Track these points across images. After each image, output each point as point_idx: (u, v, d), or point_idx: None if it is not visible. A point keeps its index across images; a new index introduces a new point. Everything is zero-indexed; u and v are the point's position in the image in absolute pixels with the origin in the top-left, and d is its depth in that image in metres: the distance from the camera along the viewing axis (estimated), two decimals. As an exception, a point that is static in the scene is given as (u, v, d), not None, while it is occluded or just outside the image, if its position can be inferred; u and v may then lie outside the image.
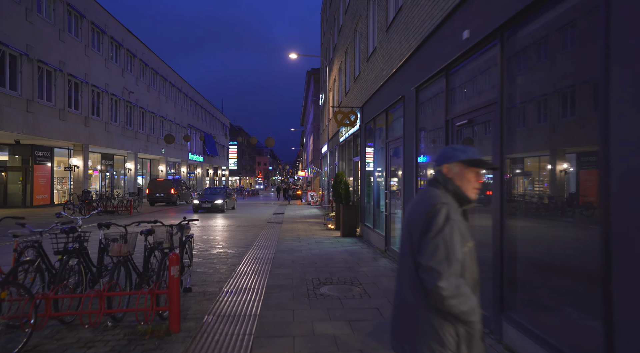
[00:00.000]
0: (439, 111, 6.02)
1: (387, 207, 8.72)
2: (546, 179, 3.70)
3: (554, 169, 3.56)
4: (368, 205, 11.75)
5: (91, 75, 23.98)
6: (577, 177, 3.27)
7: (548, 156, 3.68)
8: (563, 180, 3.45)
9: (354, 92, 13.73)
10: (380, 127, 10.31)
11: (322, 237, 12.01)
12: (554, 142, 3.59)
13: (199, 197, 22.43)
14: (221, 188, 25.23)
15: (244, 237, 12.11)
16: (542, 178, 3.77)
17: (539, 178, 3.82)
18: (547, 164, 3.68)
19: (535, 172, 3.88)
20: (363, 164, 11.97)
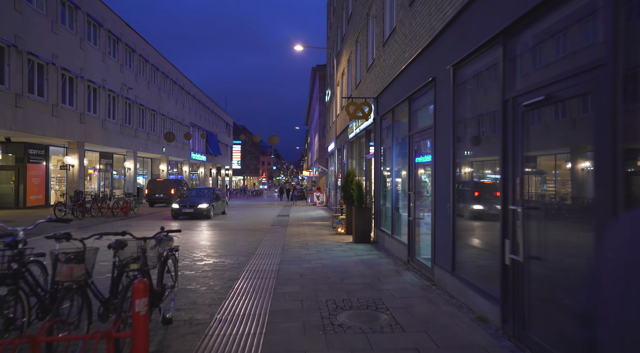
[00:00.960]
0: (490, 91, 4.77)
1: (412, 211, 7.47)
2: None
3: None
4: (384, 207, 10.49)
5: (87, 70, 22.87)
6: None
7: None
8: None
9: (367, 82, 12.48)
10: (400, 119, 9.05)
11: (332, 242, 10.77)
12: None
13: (179, 200, 18.49)
14: (209, 189, 20.84)
15: (246, 243, 10.88)
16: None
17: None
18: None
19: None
20: (378, 161, 10.71)
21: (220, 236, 12.36)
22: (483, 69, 4.99)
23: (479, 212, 5.26)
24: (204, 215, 17.95)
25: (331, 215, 20.06)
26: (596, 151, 2.86)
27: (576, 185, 3.37)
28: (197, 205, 17.85)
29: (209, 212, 18.12)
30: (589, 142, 3.02)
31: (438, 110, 6.19)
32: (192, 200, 18.30)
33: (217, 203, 19.45)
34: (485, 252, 5.00)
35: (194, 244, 10.62)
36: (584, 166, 3.24)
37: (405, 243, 7.97)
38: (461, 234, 5.49)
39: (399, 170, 9.21)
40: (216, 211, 19.45)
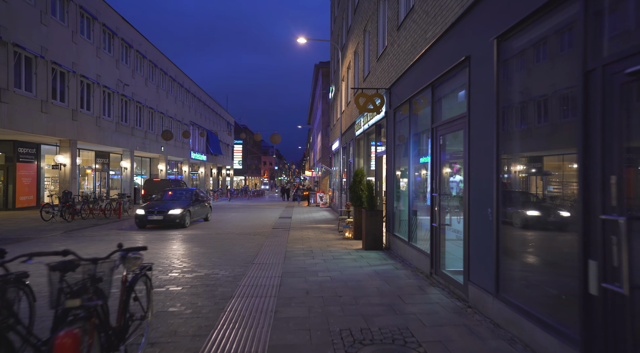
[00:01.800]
0: (558, 62, 3.68)
1: (436, 216, 6.37)
2: None
3: None
4: (398, 211, 9.40)
5: (80, 65, 21.84)
6: None
7: None
8: None
9: (377, 73, 11.39)
10: (418, 111, 7.97)
11: (340, 249, 9.69)
12: None
13: (147, 205, 15.01)
14: (188, 190, 16.93)
15: (244, 250, 9.81)
16: None
17: None
18: None
19: None
20: (391, 159, 9.62)
21: (216, 241, 11.29)
22: (546, 36, 3.90)
23: (538, 219, 4.17)
24: (177, 223, 14.41)
25: (336, 217, 18.98)
26: None
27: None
28: (167, 211, 14.36)
29: (183, 219, 14.59)
30: None
31: (474, 95, 5.10)
32: (162, 205, 14.84)
33: (196, 208, 15.91)
34: (550, 271, 3.91)
35: (186, 251, 9.55)
36: None
37: (426, 253, 6.88)
38: (509, 247, 4.40)
39: (418, 168, 8.12)
40: (195, 217, 15.81)
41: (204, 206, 17.05)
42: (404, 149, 9.09)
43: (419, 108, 7.93)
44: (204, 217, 17.13)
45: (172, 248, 9.91)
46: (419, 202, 8.00)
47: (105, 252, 8.79)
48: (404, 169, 9.20)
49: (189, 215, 15.10)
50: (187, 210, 15.05)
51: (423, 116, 7.84)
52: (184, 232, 13.29)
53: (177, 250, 9.76)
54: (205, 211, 17.23)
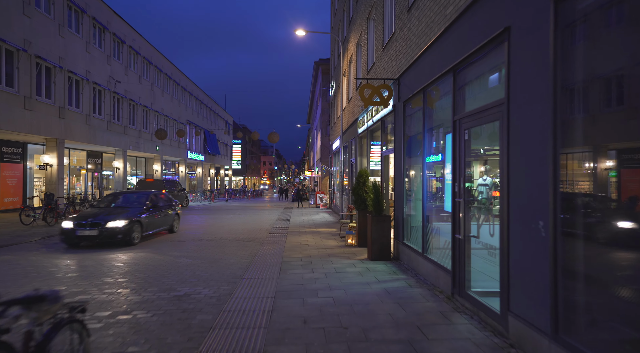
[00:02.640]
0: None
1: (460, 226, 5.29)
2: None
3: None
4: (409, 217, 8.31)
5: (67, 60, 20.74)
6: None
7: None
8: None
9: (383, 63, 10.31)
10: (434, 102, 6.89)
11: (342, 259, 8.60)
12: None
13: (79, 215, 11.04)
14: (142, 194, 12.77)
15: (235, 260, 8.72)
16: None
17: None
18: None
19: None
20: (400, 157, 8.54)
21: (204, 250, 10.20)
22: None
23: (618, 234, 3.09)
24: (120, 240, 10.45)
25: (337, 220, 17.90)
26: None
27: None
28: (105, 224, 10.40)
29: (128, 234, 10.56)
30: None
31: (516, 75, 4.02)
32: (100, 215, 10.89)
33: (152, 218, 11.89)
34: (637, 308, 2.82)
35: (165, 261, 8.47)
36: None
37: (446, 269, 5.79)
38: (574, 270, 3.32)
39: (433, 168, 7.04)
40: (149, 229, 11.73)
41: (166, 214, 12.97)
42: (415, 146, 8.01)
43: (434, 99, 6.85)
44: (167, 228, 13.12)
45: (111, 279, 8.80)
46: (435, 207, 6.92)
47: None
48: (415, 169, 8.12)
49: (139, 228, 11.05)
50: (136, 222, 10.97)
51: (440, 108, 6.76)
52: (128, 254, 9.47)
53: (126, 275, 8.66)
54: (168, 220, 13.14)
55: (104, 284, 6.59)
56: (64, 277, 7.05)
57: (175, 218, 13.86)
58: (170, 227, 13.46)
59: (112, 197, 12.71)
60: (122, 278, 7.02)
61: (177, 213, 14.06)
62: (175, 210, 13.96)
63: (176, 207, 14.14)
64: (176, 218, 13.93)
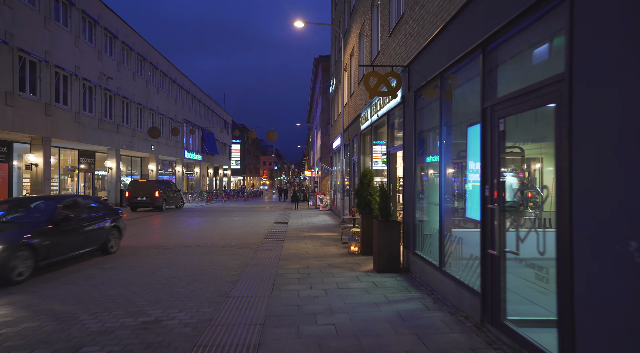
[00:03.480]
0: None
1: (495, 239, 4.23)
2: None
3: None
4: (421, 223, 7.27)
5: (54, 54, 19.70)
6: None
7: None
8: None
9: (389, 51, 9.27)
10: (453, 89, 5.86)
11: (345, 271, 7.56)
12: None
13: None
14: (49, 201, 8.61)
15: (223, 272, 7.68)
16: None
17: None
18: None
19: None
20: (411, 155, 7.50)
21: (190, 258, 9.16)
22: None
23: None
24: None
25: (338, 223, 16.86)
26: None
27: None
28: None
29: (1, 269, 6.54)
30: None
31: (583, 43, 2.97)
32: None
33: (62, 237, 8.00)
34: None
35: (141, 272, 7.42)
36: None
37: (474, 291, 4.75)
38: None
39: (453, 167, 6.01)
40: (51, 255, 7.68)
41: (96, 229, 9.20)
42: (429, 142, 6.97)
43: (454, 85, 5.81)
44: (95, 248, 9.19)
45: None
46: (455, 212, 5.89)
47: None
48: (429, 169, 7.08)
49: (30, 255, 7.10)
50: (25, 245, 7.05)
51: (462, 96, 5.73)
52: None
53: (138, 272, 7.60)
54: (98, 237, 9.28)
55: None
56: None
57: (113, 233, 9.87)
58: (103, 246, 9.48)
59: (8, 204, 8.69)
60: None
61: (118, 226, 10.10)
62: (117, 220, 10.11)
63: (118, 216, 10.27)
64: (114, 233, 9.91)
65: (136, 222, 17.41)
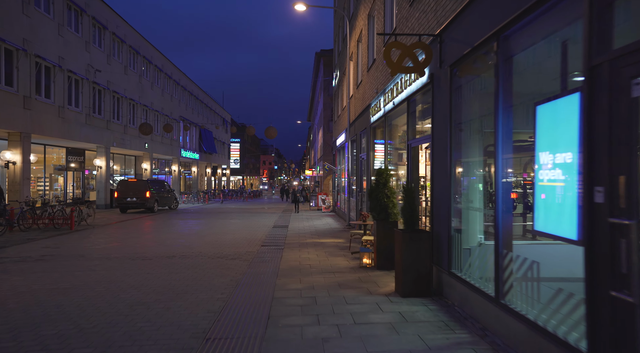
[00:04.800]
0: None
1: (633, 278, 2.61)
2: None
3: None
4: (460, 234, 5.67)
5: (34, 43, 18.10)
6: None
7: None
8: None
9: (410, 23, 7.66)
10: (507, 62, 4.27)
11: (360, 294, 5.97)
12: None
13: None
14: None
15: (205, 295, 6.07)
16: None
17: None
18: None
19: None
20: (446, 147, 5.90)
21: (172, 273, 7.55)
22: None
23: None
24: None
25: (343, 227, 15.27)
26: None
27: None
28: None
29: None
30: None
31: None
32: None
33: None
34: None
35: (101, 295, 5.83)
36: None
37: (574, 348, 3.13)
38: None
39: (518, 163, 4.41)
40: None
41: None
42: (475, 129, 5.39)
43: (522, 46, 4.21)
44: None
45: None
46: (512, 222, 4.29)
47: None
48: (473, 166, 5.50)
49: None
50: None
51: (530, 62, 4.13)
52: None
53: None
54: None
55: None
56: None
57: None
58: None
59: None
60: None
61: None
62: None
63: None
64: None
65: (122, 225, 15.81)
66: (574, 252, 3.28)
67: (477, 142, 5.48)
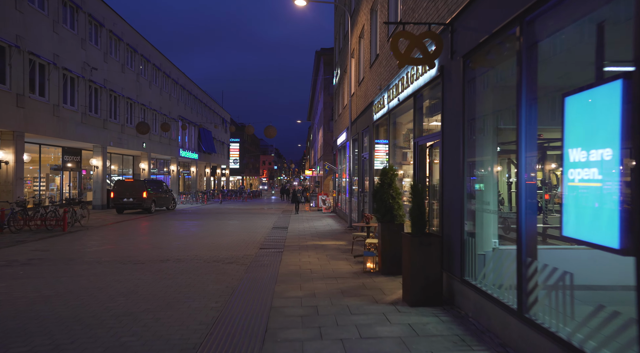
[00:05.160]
0: None
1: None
2: None
3: None
4: (474, 238, 5.23)
5: (27, 39, 17.66)
6: None
7: None
8: None
9: (417, 14, 7.22)
10: (531, 48, 3.84)
11: (365, 303, 5.53)
12: None
13: None
14: None
15: (198, 303, 5.63)
16: None
17: None
18: None
19: None
20: (459, 145, 5.47)
21: (163, 279, 7.12)
22: None
23: None
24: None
25: (344, 229, 14.84)
26: None
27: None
28: None
29: None
30: None
31: None
32: None
33: None
34: None
35: (87, 304, 5.40)
36: None
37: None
38: None
39: (540, 161, 3.98)
40: None
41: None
42: (489, 126, 4.96)
43: (549, 30, 3.78)
44: None
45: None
46: (535, 225, 3.86)
47: None
48: (489, 164, 5.07)
49: None
50: None
51: (556, 51, 3.71)
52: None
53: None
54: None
55: None
56: None
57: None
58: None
59: None
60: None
61: None
62: None
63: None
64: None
65: (117, 227, 15.37)
66: (608, 260, 2.87)
67: (492, 138, 5.06)
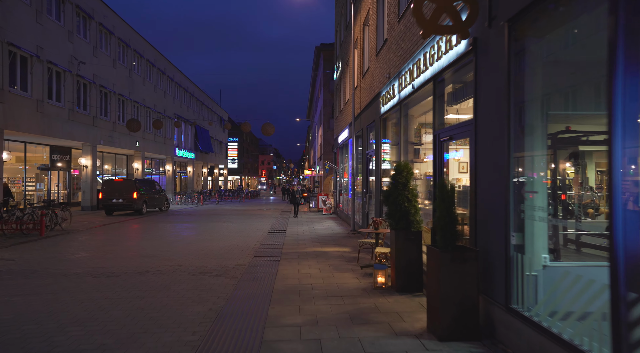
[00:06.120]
0: None
1: None
2: None
3: None
4: (524, 255, 4.06)
5: (7, 30, 16.47)
6: None
7: None
8: None
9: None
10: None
11: (381, 335, 4.36)
12: None
13: None
14: None
15: (171, 336, 4.45)
16: None
17: None
18: None
19: None
20: (502, 137, 4.30)
21: (140, 297, 5.93)
22: None
23: None
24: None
25: (347, 233, 13.67)
26: None
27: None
28: None
29: None
30: None
31: None
32: None
33: None
34: None
35: (20, 340, 4.24)
36: None
37: None
38: None
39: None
40: None
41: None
42: (543, 112, 3.80)
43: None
44: None
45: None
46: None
47: None
48: (542, 159, 3.90)
49: None
50: None
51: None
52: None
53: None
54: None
55: None
56: None
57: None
58: None
59: None
60: None
61: None
62: None
63: None
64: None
65: (102, 230, 14.18)
66: None
67: (543, 129, 3.90)
